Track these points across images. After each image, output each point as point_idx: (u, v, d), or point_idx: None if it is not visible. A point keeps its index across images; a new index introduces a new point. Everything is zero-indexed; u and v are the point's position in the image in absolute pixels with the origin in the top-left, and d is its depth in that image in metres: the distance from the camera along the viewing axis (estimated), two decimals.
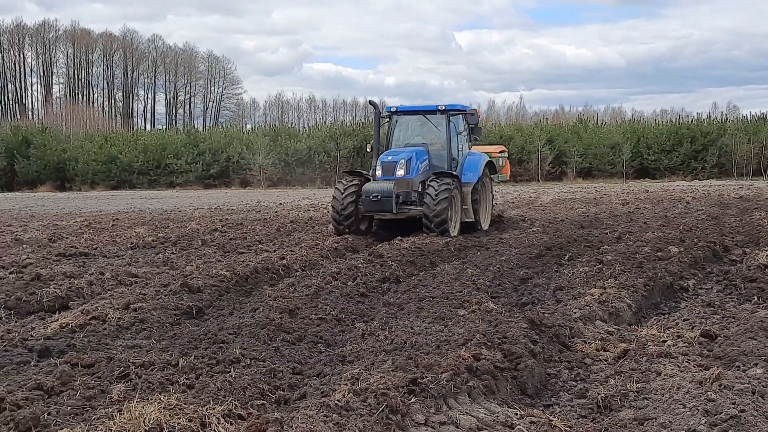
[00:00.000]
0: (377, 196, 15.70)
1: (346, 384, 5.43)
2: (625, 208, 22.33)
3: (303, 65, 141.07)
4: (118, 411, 5.09)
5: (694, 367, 6.30)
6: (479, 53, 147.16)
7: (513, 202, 25.86)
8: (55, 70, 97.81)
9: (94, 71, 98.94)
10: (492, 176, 18.65)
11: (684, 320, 8.12)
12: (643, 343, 7.14)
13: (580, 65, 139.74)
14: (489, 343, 6.51)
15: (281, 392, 5.83)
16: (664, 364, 6.41)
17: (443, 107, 17.08)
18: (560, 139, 46.45)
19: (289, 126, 60.37)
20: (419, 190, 16.25)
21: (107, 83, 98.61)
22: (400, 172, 16.04)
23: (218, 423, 4.99)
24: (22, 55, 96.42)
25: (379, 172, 16.30)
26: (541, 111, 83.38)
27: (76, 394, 5.62)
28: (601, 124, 54.90)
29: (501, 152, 20.30)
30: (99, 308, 8.73)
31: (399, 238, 15.13)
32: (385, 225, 16.90)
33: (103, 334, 7.99)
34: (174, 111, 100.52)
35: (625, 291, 9.21)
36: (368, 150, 17.91)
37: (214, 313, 9.21)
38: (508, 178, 21.72)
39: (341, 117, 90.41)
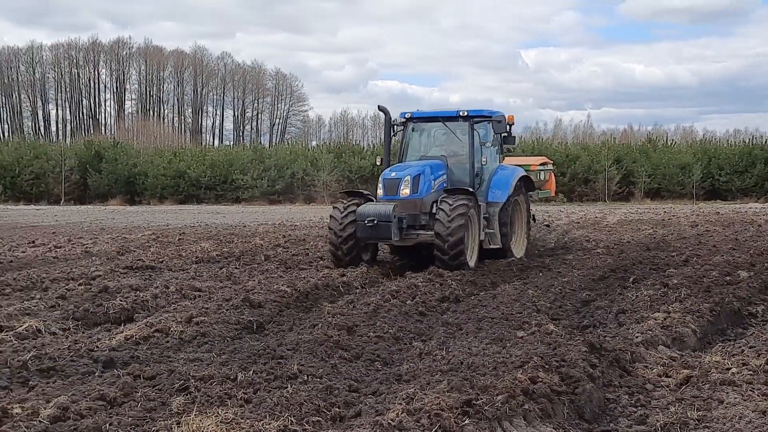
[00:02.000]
0: (373, 220, 13.31)
1: (401, 403, 5.44)
2: (693, 230, 21.84)
3: (368, 82, 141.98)
4: (177, 424, 5.20)
5: (759, 396, 6.13)
6: (546, 71, 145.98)
7: (578, 222, 25.54)
8: (127, 87, 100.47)
9: (164, 87, 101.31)
10: (531, 193, 16.46)
11: (750, 347, 7.90)
12: (706, 370, 6.97)
13: (650, 84, 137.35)
14: (547, 366, 6.44)
15: (337, 409, 5.85)
16: (727, 392, 6.26)
17: (465, 113, 14.92)
18: (628, 158, 45.70)
19: (354, 143, 60.80)
20: (432, 211, 13.93)
21: (177, 99, 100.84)
22: (405, 191, 13.80)
23: None
24: (96, 72, 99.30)
25: (380, 192, 14.16)
26: (609, 130, 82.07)
27: (137, 405, 5.74)
28: (671, 143, 53.83)
29: (543, 164, 17.91)
30: (162, 321, 8.91)
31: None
32: (397, 251, 15.34)
33: (166, 346, 8.15)
34: (241, 127, 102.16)
35: (690, 316, 9.01)
36: (378, 163, 15.82)
37: (274, 329, 9.31)
38: (552, 194, 19.33)
39: None
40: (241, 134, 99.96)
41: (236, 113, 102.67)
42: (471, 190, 14.20)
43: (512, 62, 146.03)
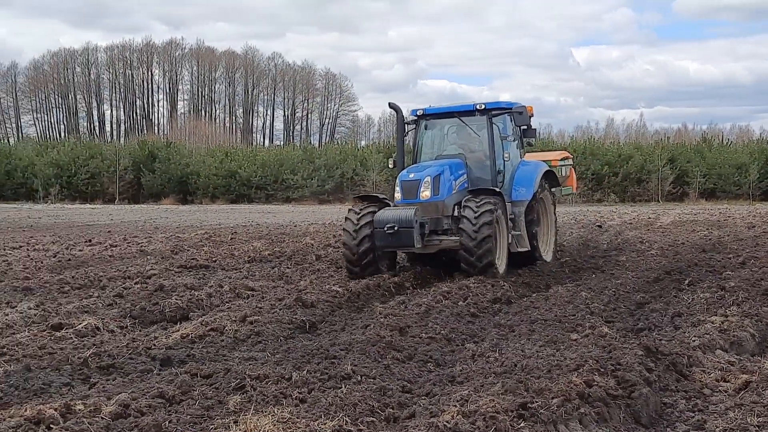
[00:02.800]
0: (393, 226, 12.19)
1: (455, 405, 5.43)
2: (751, 231, 21.39)
3: (417, 82, 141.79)
4: (234, 422, 5.27)
5: None
6: (597, 69, 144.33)
7: (631, 223, 25.20)
8: (180, 87, 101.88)
9: (216, 88, 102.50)
10: (553, 190, 15.32)
11: None
12: (766, 375, 6.83)
13: (705, 82, 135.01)
14: (602, 369, 6.38)
15: (390, 410, 5.87)
16: None
17: (482, 106, 13.70)
18: (682, 158, 44.99)
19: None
20: (454, 214, 12.84)
21: (229, 100, 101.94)
22: (426, 194, 12.70)
23: None
24: (150, 73, 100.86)
25: (398, 195, 13.00)
26: (663, 129, 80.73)
27: (195, 403, 5.84)
28: (727, 143, 52.88)
29: (564, 159, 16.63)
30: (217, 320, 9.03)
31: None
32: (417, 258, 14.03)
33: (221, 345, 8.26)
34: (291, 127, 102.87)
35: (748, 320, 8.82)
36: (391, 165, 14.64)
37: (326, 329, 9.38)
38: (574, 191, 18.14)
39: None
40: (291, 134, 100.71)
41: (286, 113, 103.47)
42: (497, 190, 13.09)
43: (563, 61, 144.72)
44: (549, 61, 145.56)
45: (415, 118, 14.35)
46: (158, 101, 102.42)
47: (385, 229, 12.25)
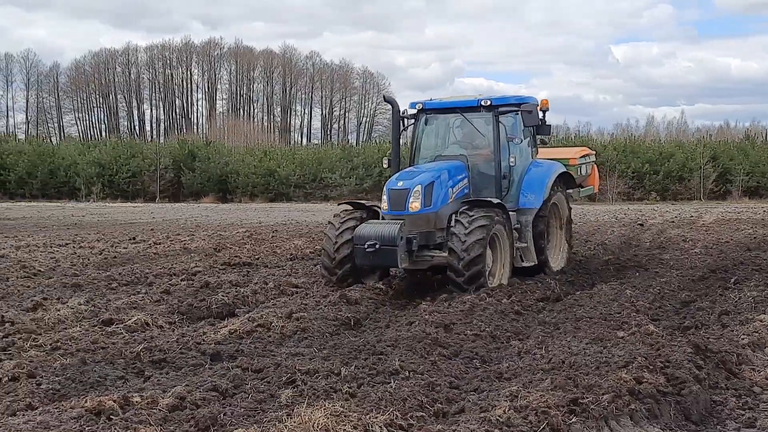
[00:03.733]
0: (375, 244, 10.86)
1: (506, 401, 5.48)
2: None
3: (455, 80, 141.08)
4: (287, 415, 5.37)
5: None
6: (637, 67, 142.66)
7: (673, 222, 24.96)
8: (218, 86, 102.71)
9: (254, 87, 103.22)
10: (570, 191, 14.05)
11: None
12: None
13: (747, 79, 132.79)
14: (651, 367, 6.38)
15: (439, 405, 5.94)
16: None
17: (488, 102, 12.32)
18: (725, 156, 44.36)
19: None
20: (450, 225, 11.38)
21: (267, 99, 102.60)
22: (415, 205, 11.28)
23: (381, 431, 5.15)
24: (189, 72, 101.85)
25: (385, 205, 11.67)
26: (704, 126, 79.72)
27: (248, 396, 5.95)
28: None
29: (584, 156, 14.96)
30: (264, 316, 9.15)
31: None
32: (410, 272, 12.42)
33: (268, 341, 8.37)
34: (329, 126, 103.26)
35: None
36: (385, 165, 13.18)
37: (371, 325, 9.46)
38: (596, 190, 16.25)
39: None
40: (328, 133, 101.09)
41: (324, 112, 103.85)
42: (495, 201, 11.63)
43: (602, 58, 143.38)
44: (588, 59, 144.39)
45: (414, 112, 12.92)
46: (197, 100, 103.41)
47: (366, 246, 10.92)
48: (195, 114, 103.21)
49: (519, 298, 10.51)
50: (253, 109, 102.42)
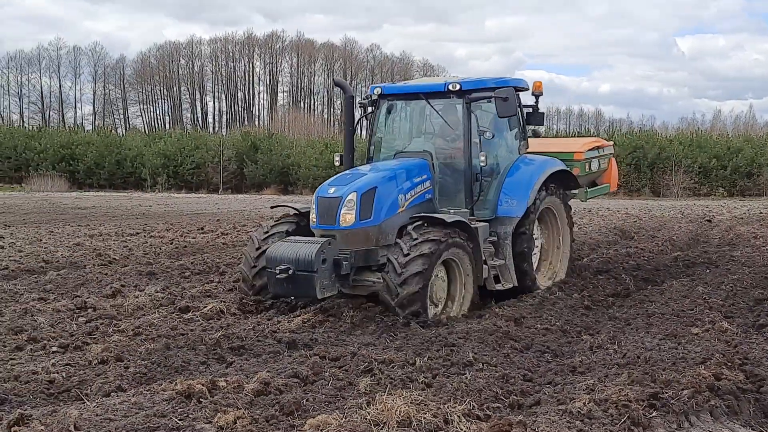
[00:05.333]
0: (287, 269, 8.86)
1: (585, 394, 5.53)
2: None
3: (515, 72, 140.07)
4: (367, 402, 5.50)
5: None
6: (703, 59, 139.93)
7: (742, 218, 24.48)
8: (280, 79, 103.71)
9: (315, 80, 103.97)
10: (573, 192, 11.99)
11: None
12: None
13: None
14: (729, 364, 6.36)
15: (515, 397, 6.01)
16: None
17: (457, 86, 10.18)
18: None
19: None
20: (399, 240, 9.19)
21: (327, 91, 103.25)
22: (348, 218, 9.23)
23: (459, 421, 5.25)
24: (251, 65, 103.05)
25: (313, 217, 9.58)
26: None
27: (327, 384, 6.11)
28: None
29: (595, 149, 12.63)
30: (335, 306, 9.29)
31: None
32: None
33: (340, 330, 8.51)
34: None
35: None
36: (337, 162, 11.06)
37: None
38: (613, 188, 13.62)
39: (554, 126, 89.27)
40: None
41: None
42: (453, 219, 9.36)
43: (666, 50, 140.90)
44: (651, 51, 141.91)
45: (373, 97, 10.94)
46: (259, 93, 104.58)
47: (277, 272, 8.90)
48: (257, 106, 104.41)
49: (589, 293, 10.49)
50: (314, 102, 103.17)
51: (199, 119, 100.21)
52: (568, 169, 11.46)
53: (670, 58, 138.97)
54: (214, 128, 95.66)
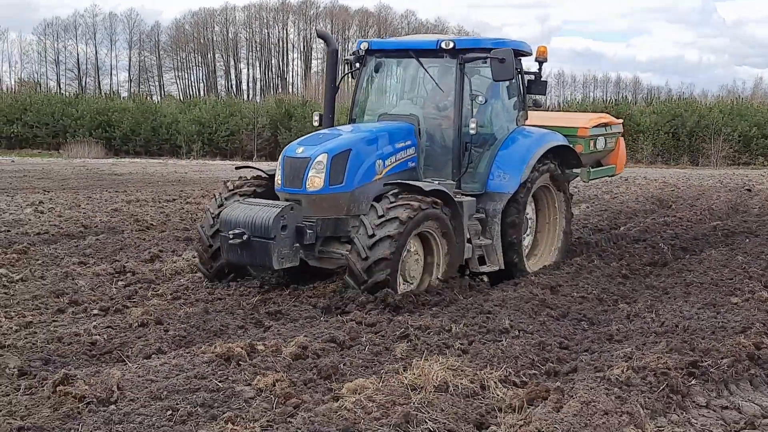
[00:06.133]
0: (242, 234, 8.10)
1: (623, 361, 5.51)
2: None
3: (551, 39, 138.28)
4: (404, 368, 5.53)
5: None
6: (744, 25, 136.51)
7: None
8: (314, 46, 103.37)
9: (349, 46, 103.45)
10: (574, 172, 11.04)
11: None
12: None
13: None
14: None
15: (551, 364, 6.02)
16: None
17: (451, 44, 9.33)
18: None
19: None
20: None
21: None
22: (316, 181, 8.43)
23: (496, 387, 5.28)
24: (285, 32, 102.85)
25: (278, 179, 8.78)
26: None
27: (364, 348, 6.16)
28: None
29: (601, 126, 11.61)
30: None
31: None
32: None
33: None
34: None
35: None
36: (315, 123, 10.14)
37: (476, 285, 9.48)
38: (619, 170, 12.59)
39: (591, 93, 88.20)
40: None
41: None
42: (432, 188, 8.58)
43: (707, 17, 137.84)
44: (691, 17, 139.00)
45: (360, 53, 10.04)
46: (292, 60, 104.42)
47: (230, 236, 8.15)
48: (291, 74, 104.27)
49: (627, 262, 10.41)
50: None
51: (234, 86, 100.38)
52: (570, 145, 10.56)
53: (711, 24, 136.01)
54: (248, 95, 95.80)
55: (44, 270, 9.60)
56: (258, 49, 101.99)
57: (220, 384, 5.08)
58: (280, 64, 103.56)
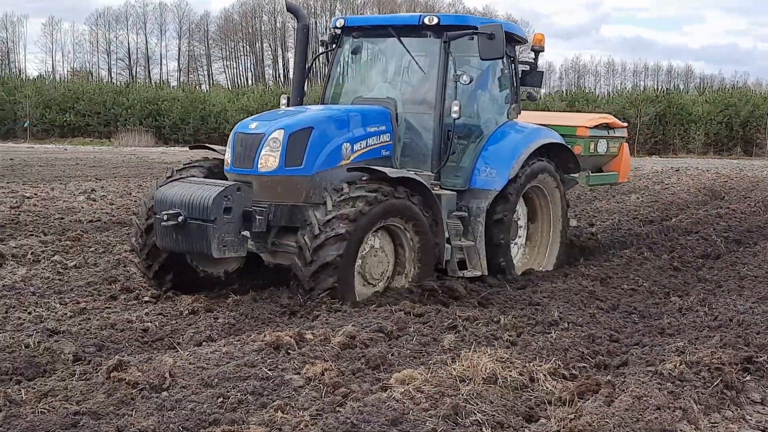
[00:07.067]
0: (177, 215, 7.14)
1: (677, 356, 5.43)
2: None
3: (600, 27, 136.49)
4: (452, 359, 5.51)
5: None
6: None
7: None
8: None
9: None
10: (572, 176, 10.13)
11: None
12: None
13: None
14: None
15: (601, 357, 5.95)
16: None
17: (434, 19, 8.55)
18: None
19: (586, 91, 59.20)
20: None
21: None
22: (270, 161, 7.48)
23: (545, 379, 5.23)
24: (332, 21, 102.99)
25: (228, 158, 7.79)
26: None
27: (412, 339, 6.14)
28: None
29: (602, 127, 10.76)
30: None
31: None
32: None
33: None
34: None
35: None
36: (283, 105, 9.24)
37: (523, 277, 9.38)
38: (622, 179, 11.56)
39: (642, 82, 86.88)
40: None
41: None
42: (400, 175, 7.67)
43: (762, 4, 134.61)
44: (746, 4, 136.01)
45: (337, 31, 9.28)
46: None
47: (164, 218, 7.17)
48: None
49: (678, 254, 10.26)
50: None
51: (281, 75, 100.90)
52: (567, 145, 9.70)
53: (766, 11, 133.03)
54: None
55: (97, 257, 9.76)
56: None
57: (269, 372, 5.11)
58: (328, 53, 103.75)
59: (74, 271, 8.96)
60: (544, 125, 9.70)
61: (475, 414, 4.54)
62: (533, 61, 9.61)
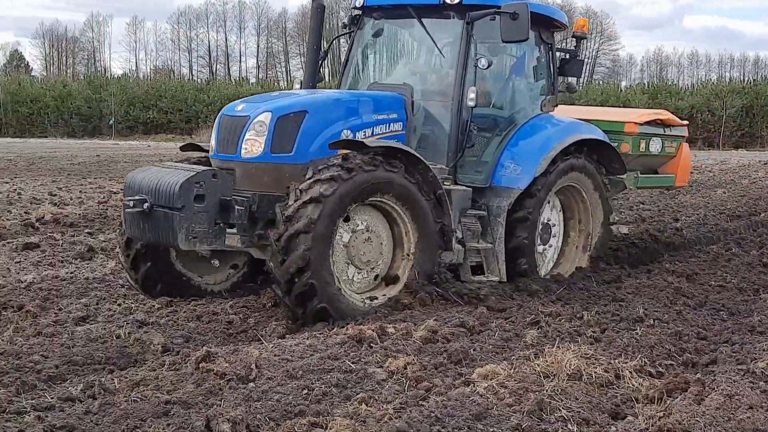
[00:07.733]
0: (142, 202, 6.57)
1: None
2: None
3: (683, 17, 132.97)
4: (535, 354, 5.47)
5: None
6: None
7: None
8: None
9: None
10: (617, 177, 9.03)
11: None
12: None
13: None
14: None
15: (688, 355, 5.83)
16: None
17: None
18: None
19: (669, 83, 57.82)
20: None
21: None
22: (254, 146, 6.83)
23: (631, 377, 5.16)
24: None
25: (213, 143, 7.19)
26: None
27: (494, 334, 6.12)
28: None
29: (657, 124, 9.65)
30: None
31: None
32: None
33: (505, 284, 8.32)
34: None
35: None
36: (296, 89, 8.62)
37: (606, 272, 9.23)
38: (681, 183, 10.42)
39: (727, 73, 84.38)
40: None
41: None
42: (376, 145, 6.89)
43: None
44: None
45: (357, 11, 8.57)
46: None
47: (130, 204, 6.66)
48: None
49: None
50: None
51: None
52: (609, 141, 8.65)
53: None
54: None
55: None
56: None
57: (352, 365, 5.16)
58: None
59: None
60: (588, 120, 8.82)
61: (560, 410, 4.51)
62: (574, 48, 8.90)
